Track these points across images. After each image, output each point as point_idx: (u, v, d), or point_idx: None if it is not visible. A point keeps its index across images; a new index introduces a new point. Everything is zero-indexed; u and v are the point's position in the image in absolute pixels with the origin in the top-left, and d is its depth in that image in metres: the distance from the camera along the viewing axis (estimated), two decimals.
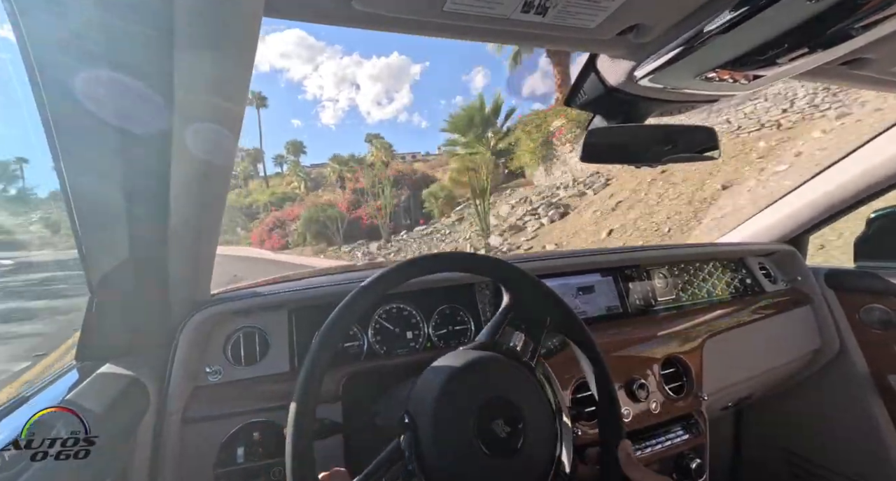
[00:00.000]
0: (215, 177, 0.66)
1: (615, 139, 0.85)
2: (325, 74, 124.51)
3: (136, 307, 0.76)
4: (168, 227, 0.66)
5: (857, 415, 1.36)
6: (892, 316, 1.27)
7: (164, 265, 0.72)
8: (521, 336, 0.71)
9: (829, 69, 0.72)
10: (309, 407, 0.56)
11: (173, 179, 0.59)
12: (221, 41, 0.47)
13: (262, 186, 41.58)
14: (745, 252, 1.44)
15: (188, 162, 0.59)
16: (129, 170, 0.58)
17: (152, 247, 0.69)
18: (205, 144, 0.58)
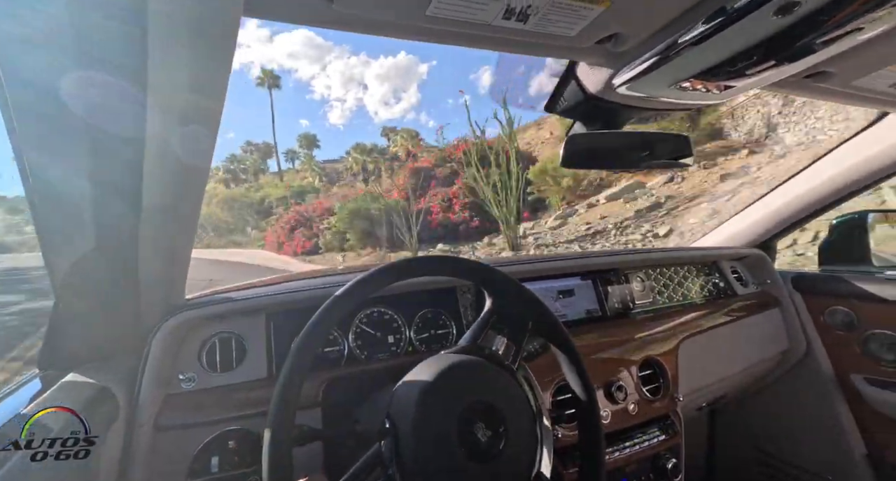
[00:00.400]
0: (192, 178, 0.64)
1: (594, 145, 0.87)
2: (332, 74, 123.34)
3: (104, 312, 0.73)
4: (140, 229, 0.64)
5: (823, 414, 1.41)
6: (853, 317, 1.33)
7: (136, 268, 0.70)
8: (503, 340, 0.72)
9: (794, 81, 0.75)
10: (287, 413, 0.55)
11: (147, 179, 0.58)
12: (198, 40, 0.46)
13: (274, 181, 38.83)
14: (718, 256, 1.49)
15: (163, 162, 0.57)
16: (98, 169, 0.56)
17: (123, 248, 0.66)
18: (181, 144, 0.56)
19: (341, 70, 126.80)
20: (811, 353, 1.43)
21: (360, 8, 0.48)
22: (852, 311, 1.33)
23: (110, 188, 0.59)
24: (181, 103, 0.52)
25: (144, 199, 0.60)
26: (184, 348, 0.86)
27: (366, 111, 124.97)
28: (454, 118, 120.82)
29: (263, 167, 47.68)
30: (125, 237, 0.65)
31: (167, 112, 0.52)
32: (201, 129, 0.56)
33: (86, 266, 0.66)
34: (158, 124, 0.52)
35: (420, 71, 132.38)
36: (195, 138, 0.57)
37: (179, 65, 0.48)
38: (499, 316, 0.73)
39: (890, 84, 0.79)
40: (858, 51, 0.62)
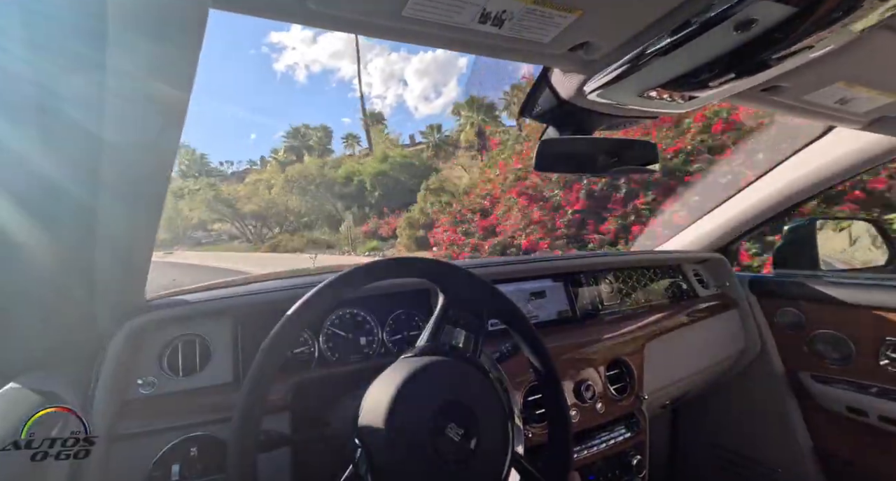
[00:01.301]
0: (154, 171, 0.61)
1: (566, 150, 0.89)
2: (373, 72, 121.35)
3: (56, 314, 0.69)
4: (97, 225, 0.60)
5: (774, 410, 1.50)
6: (802, 318, 1.41)
7: (91, 267, 0.66)
8: (461, 332, 0.72)
9: (751, 94, 0.79)
10: (253, 418, 0.53)
11: (104, 171, 0.54)
12: (163, 30, 0.44)
13: (356, 158, 30.27)
14: (682, 259, 1.56)
15: (122, 155, 0.54)
16: (49, 161, 0.52)
17: (77, 246, 0.62)
18: (143, 137, 0.54)
19: (381, 67, 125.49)
20: (765, 352, 1.51)
21: (334, 7, 0.47)
22: (801, 312, 1.42)
23: (63, 184, 0.55)
24: (144, 96, 0.50)
25: (101, 194, 0.57)
26: (143, 351, 0.82)
27: (406, 107, 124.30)
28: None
29: (330, 147, 39.94)
30: (79, 234, 0.61)
31: (128, 105, 0.50)
32: (165, 123, 0.54)
33: (35, 266, 0.61)
34: (118, 117, 0.50)
35: (459, 65, 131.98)
36: (159, 132, 0.55)
37: (142, 56, 0.46)
38: (453, 308, 0.73)
39: (836, 100, 0.85)
40: (808, 67, 0.67)
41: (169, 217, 25.22)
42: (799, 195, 1.34)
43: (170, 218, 25.69)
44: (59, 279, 0.65)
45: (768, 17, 0.49)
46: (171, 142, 0.58)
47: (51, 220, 0.58)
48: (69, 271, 0.65)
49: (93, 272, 0.67)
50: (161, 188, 0.65)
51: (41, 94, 0.46)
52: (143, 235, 0.70)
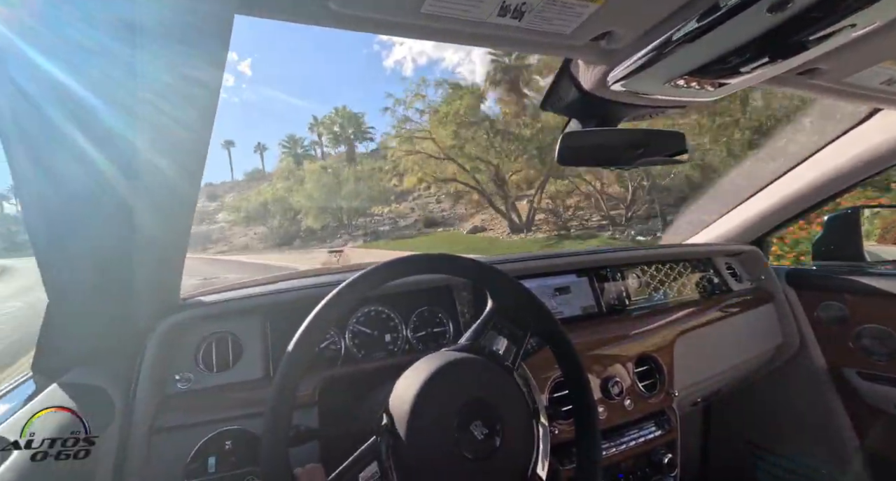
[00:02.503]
0: (185, 177, 0.63)
1: (589, 142, 0.87)
2: (475, 59, 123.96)
3: (98, 313, 0.73)
4: (134, 228, 0.63)
5: (816, 408, 1.43)
6: (846, 312, 1.34)
7: (130, 268, 0.69)
8: (503, 340, 0.72)
9: (787, 78, 0.75)
10: (284, 413, 0.55)
11: (139, 175, 0.57)
12: (191, 37, 0.46)
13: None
14: (713, 252, 1.50)
15: (156, 160, 0.57)
16: (89, 169, 0.55)
17: (117, 249, 0.66)
18: (174, 142, 0.56)
19: (482, 53, 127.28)
20: (805, 348, 1.44)
21: (355, 7, 0.48)
22: (845, 306, 1.34)
23: (102, 188, 0.58)
24: (173, 101, 0.52)
25: (137, 199, 0.60)
26: (179, 348, 0.85)
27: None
28: None
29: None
30: (118, 238, 0.64)
31: (159, 110, 0.51)
32: (195, 128, 0.56)
33: (79, 267, 0.65)
34: (150, 123, 0.52)
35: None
36: (188, 137, 0.57)
37: (171, 63, 0.47)
38: (500, 316, 0.73)
39: (881, 81, 0.79)
40: (850, 47, 0.63)
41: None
42: (841, 183, 1.27)
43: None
44: (100, 279, 0.69)
45: None
46: (201, 145, 0.60)
47: (91, 223, 0.61)
48: (109, 271, 0.68)
49: (131, 272, 0.70)
50: (193, 190, 0.67)
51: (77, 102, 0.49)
52: (176, 236, 0.73)
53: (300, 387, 0.58)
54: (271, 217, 28.68)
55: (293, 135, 39.62)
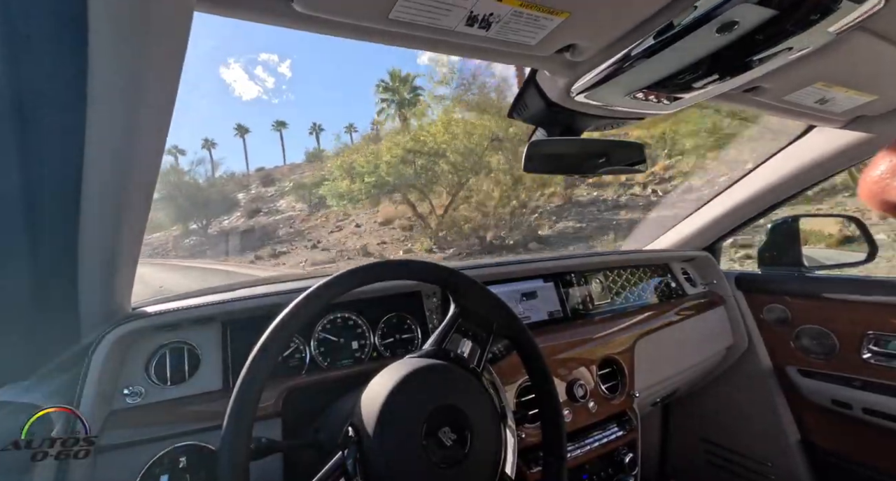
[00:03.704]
0: (139, 176, 0.60)
1: (554, 151, 0.90)
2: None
3: (37, 323, 0.67)
4: (80, 231, 0.59)
5: (763, 405, 1.52)
6: (787, 314, 1.44)
7: (74, 274, 0.64)
8: (468, 343, 0.72)
9: (734, 95, 0.81)
10: (244, 425, 0.52)
11: (87, 177, 0.53)
12: (146, 32, 0.43)
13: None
14: (670, 258, 1.58)
15: (107, 159, 0.53)
16: (31, 166, 0.51)
17: (60, 252, 0.61)
18: (128, 140, 0.53)
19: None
20: (752, 348, 1.54)
21: (321, 9, 0.47)
22: (787, 308, 1.44)
23: (46, 188, 0.54)
24: (128, 99, 0.49)
25: (85, 200, 0.56)
26: (129, 360, 0.80)
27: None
28: None
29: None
30: (63, 241, 0.60)
31: (111, 107, 0.49)
32: (150, 127, 0.53)
33: (15, 272, 0.60)
34: (101, 121, 0.49)
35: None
36: (143, 136, 0.54)
37: (125, 58, 0.45)
38: (464, 319, 0.73)
39: (815, 100, 0.87)
40: (788, 68, 0.68)
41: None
42: (782, 193, 1.37)
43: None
44: (41, 287, 0.63)
45: (749, 20, 0.50)
46: (156, 146, 0.57)
47: (32, 226, 0.56)
48: (50, 278, 0.63)
49: (76, 279, 0.66)
50: (147, 193, 0.64)
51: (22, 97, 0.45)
52: (128, 241, 0.69)
53: (262, 398, 0.55)
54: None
55: (397, 72, 32.29)
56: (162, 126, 0.54)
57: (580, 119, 0.83)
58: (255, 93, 41.18)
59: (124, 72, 0.46)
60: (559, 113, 0.79)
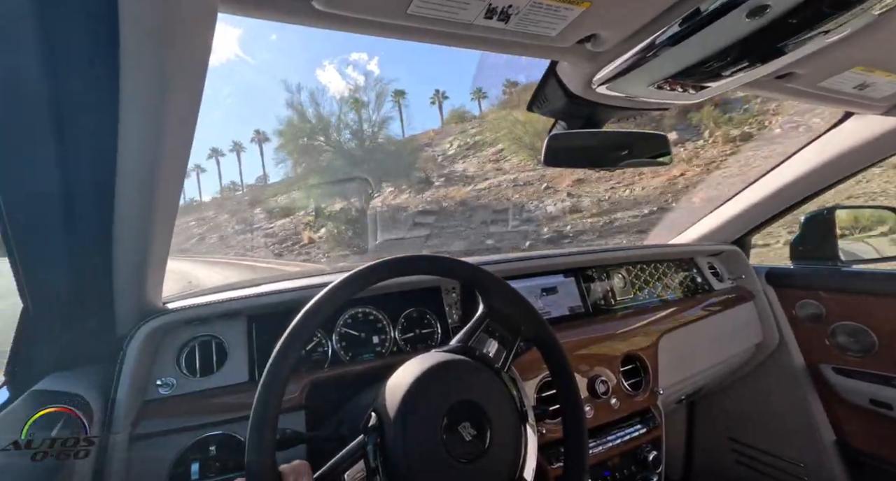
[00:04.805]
0: (168, 177, 0.62)
1: (575, 144, 0.88)
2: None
3: (77, 317, 0.71)
4: (114, 230, 0.62)
5: (794, 403, 1.47)
6: (822, 310, 1.38)
7: (110, 272, 0.67)
8: (494, 343, 0.72)
9: (765, 82, 0.78)
10: (270, 417, 0.54)
11: (120, 179, 0.56)
12: (173, 35, 0.45)
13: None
14: (695, 252, 1.53)
15: (138, 162, 0.55)
16: (69, 171, 0.54)
17: (96, 251, 0.64)
18: (156, 143, 0.54)
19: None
20: (783, 345, 1.48)
21: (340, 6, 0.47)
22: (821, 304, 1.38)
23: (83, 190, 0.57)
24: (156, 101, 0.50)
25: (118, 201, 0.58)
26: (161, 353, 0.83)
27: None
28: None
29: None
30: (98, 240, 0.63)
31: (141, 109, 0.50)
32: (177, 128, 0.55)
33: (56, 270, 0.63)
34: (132, 124, 0.51)
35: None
36: (171, 138, 0.56)
37: (153, 61, 0.46)
38: (491, 319, 0.73)
39: (853, 85, 0.82)
40: (824, 53, 0.65)
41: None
42: (817, 184, 1.31)
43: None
44: (79, 283, 0.67)
45: (781, 3, 0.48)
46: (184, 146, 0.58)
47: (70, 226, 0.59)
48: (88, 275, 0.67)
49: (111, 275, 0.69)
50: (175, 192, 0.66)
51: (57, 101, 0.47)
52: (158, 239, 0.71)
53: (287, 391, 0.57)
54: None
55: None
56: (188, 125, 0.56)
57: (602, 111, 0.81)
58: (347, 91, 42.68)
59: (152, 74, 0.47)
60: (580, 105, 0.78)
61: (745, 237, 1.60)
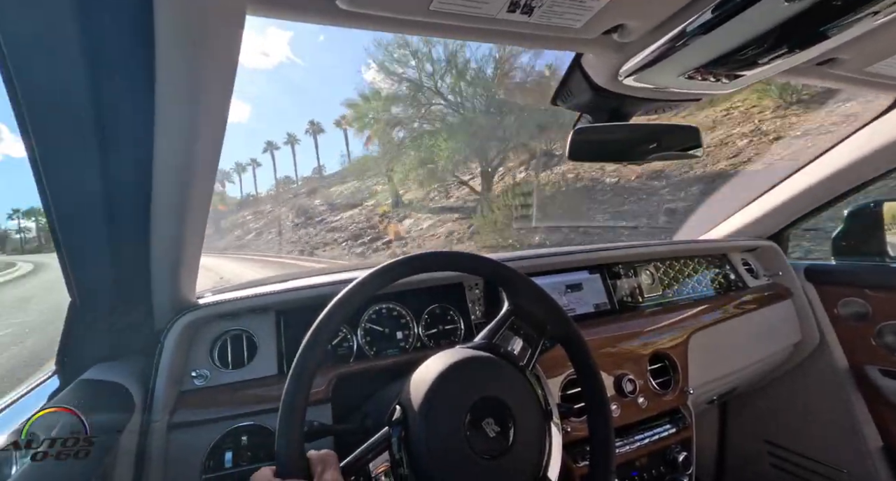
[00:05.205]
0: (199, 179, 0.64)
1: (601, 137, 0.86)
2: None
3: (118, 311, 0.75)
4: (151, 230, 0.65)
5: (837, 406, 1.40)
6: (868, 309, 1.31)
7: (148, 268, 0.71)
8: (519, 341, 0.71)
9: (805, 68, 0.73)
10: (298, 407, 0.55)
11: (156, 181, 0.58)
12: (204, 39, 0.46)
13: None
14: (728, 248, 1.47)
15: (171, 163, 0.58)
16: (109, 171, 0.56)
17: (135, 250, 0.67)
18: (188, 145, 0.57)
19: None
20: (824, 345, 1.41)
21: (363, 5, 0.48)
22: (867, 302, 1.31)
23: (122, 190, 0.60)
24: (189, 103, 0.52)
25: (154, 200, 0.61)
26: (195, 346, 0.87)
27: None
28: None
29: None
30: (137, 238, 0.66)
31: (175, 113, 0.52)
32: (208, 130, 0.57)
33: (100, 266, 0.67)
34: (167, 123, 0.53)
35: None
36: (203, 137, 0.58)
37: (185, 63, 0.48)
38: (516, 317, 0.73)
39: None
40: (872, 36, 0.61)
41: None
42: (863, 175, 1.23)
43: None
44: (120, 279, 0.70)
45: None
46: (215, 146, 0.60)
47: (112, 226, 0.63)
48: (128, 272, 0.70)
49: (148, 272, 0.72)
50: (206, 195, 0.68)
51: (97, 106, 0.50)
52: (191, 239, 0.74)
53: (314, 384, 0.58)
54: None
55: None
56: (218, 127, 0.58)
57: (629, 103, 0.78)
58: (392, 89, 43.01)
59: (185, 75, 0.49)
60: (606, 98, 0.76)
61: (782, 232, 1.52)
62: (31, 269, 24.72)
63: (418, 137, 16.44)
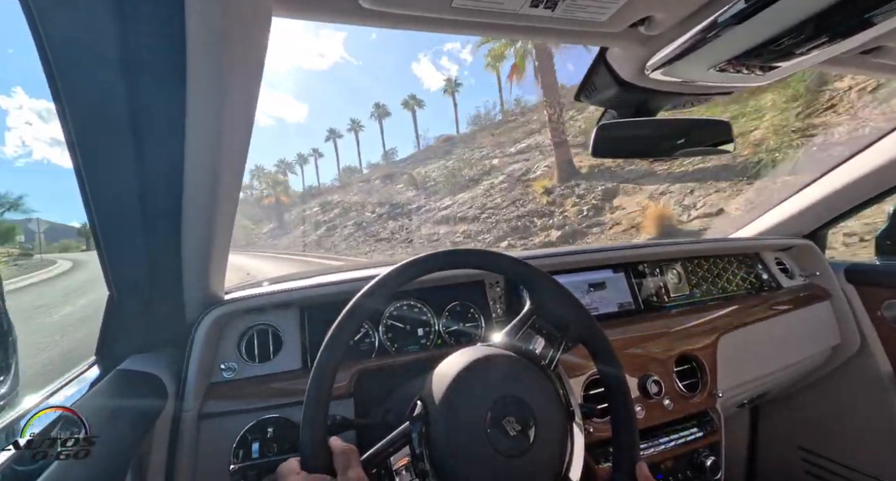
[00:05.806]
0: (227, 178, 0.66)
1: (626, 133, 0.84)
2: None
3: (152, 305, 0.78)
4: (182, 229, 0.67)
5: (878, 413, 1.33)
6: None
7: (179, 264, 0.74)
8: (541, 340, 0.71)
9: (847, 58, 0.70)
10: (322, 400, 0.57)
11: (186, 182, 0.60)
12: (232, 41, 0.47)
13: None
14: (761, 246, 1.42)
15: (200, 162, 0.60)
16: (144, 174, 0.59)
17: (167, 246, 0.70)
18: (216, 145, 0.58)
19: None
20: (866, 349, 1.34)
21: (387, 4, 0.48)
22: None
23: (155, 191, 0.62)
24: (217, 105, 0.54)
25: (185, 200, 0.63)
26: (224, 339, 0.90)
27: None
28: None
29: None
30: (169, 236, 0.69)
31: (204, 114, 0.54)
32: (236, 131, 0.58)
33: (135, 262, 0.70)
34: (197, 125, 0.55)
35: None
36: (230, 139, 0.59)
37: (214, 63, 0.49)
38: (538, 316, 0.72)
39: None
40: None
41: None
42: None
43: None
44: (154, 274, 0.73)
45: None
46: (242, 147, 0.62)
47: (146, 222, 0.65)
48: (162, 267, 0.73)
49: (180, 268, 0.75)
50: (235, 193, 0.70)
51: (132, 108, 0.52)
52: (220, 237, 0.77)
53: (337, 379, 0.59)
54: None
55: None
56: (246, 128, 0.59)
57: (656, 98, 0.76)
58: (441, 83, 43.62)
59: (213, 75, 0.50)
60: (632, 93, 0.74)
61: (819, 230, 1.45)
62: (70, 267, 25.98)
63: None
